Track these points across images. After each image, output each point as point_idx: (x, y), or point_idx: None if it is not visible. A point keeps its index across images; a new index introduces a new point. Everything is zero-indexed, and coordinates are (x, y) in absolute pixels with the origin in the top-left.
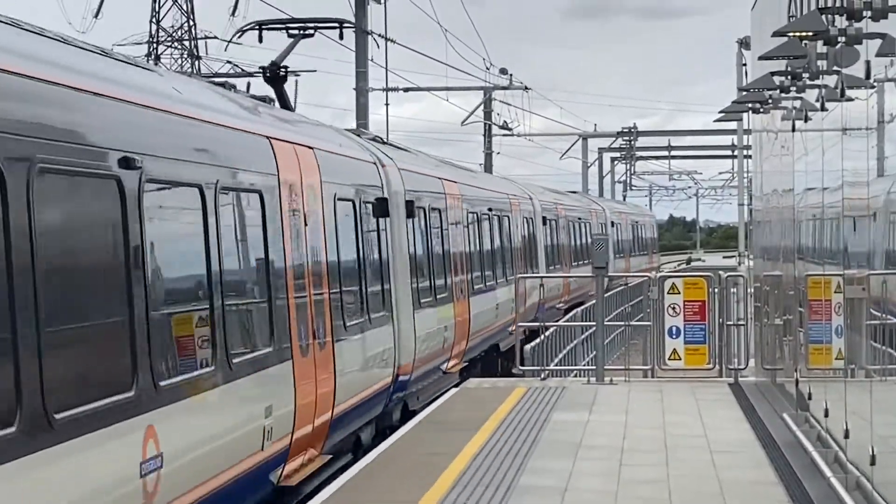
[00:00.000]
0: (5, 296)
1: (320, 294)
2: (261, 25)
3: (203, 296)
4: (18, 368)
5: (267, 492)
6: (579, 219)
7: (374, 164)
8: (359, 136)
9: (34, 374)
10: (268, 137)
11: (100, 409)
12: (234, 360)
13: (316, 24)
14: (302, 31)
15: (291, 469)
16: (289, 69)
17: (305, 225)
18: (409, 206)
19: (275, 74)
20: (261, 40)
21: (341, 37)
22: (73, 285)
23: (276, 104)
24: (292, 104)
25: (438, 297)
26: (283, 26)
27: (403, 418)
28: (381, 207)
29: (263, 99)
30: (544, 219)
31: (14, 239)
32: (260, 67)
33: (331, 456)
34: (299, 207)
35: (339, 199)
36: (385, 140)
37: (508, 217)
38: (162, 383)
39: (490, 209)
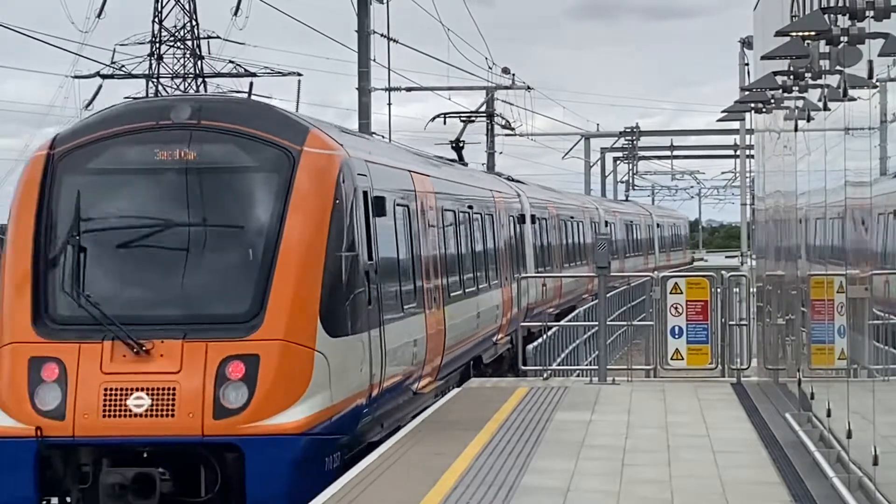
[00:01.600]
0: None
1: (508, 261)
2: (445, 115)
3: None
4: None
5: (492, 344)
6: (631, 221)
7: (518, 195)
8: (499, 175)
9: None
10: (491, 190)
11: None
12: (499, 280)
13: (477, 114)
14: (469, 118)
15: (498, 339)
16: (466, 142)
17: (503, 229)
18: (533, 218)
19: (458, 146)
20: (445, 123)
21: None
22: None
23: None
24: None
25: (546, 269)
26: (457, 114)
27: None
28: (522, 220)
29: (451, 159)
30: (606, 222)
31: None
32: (449, 142)
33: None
34: (502, 221)
35: (510, 216)
36: (513, 177)
37: (582, 222)
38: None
39: (572, 217)
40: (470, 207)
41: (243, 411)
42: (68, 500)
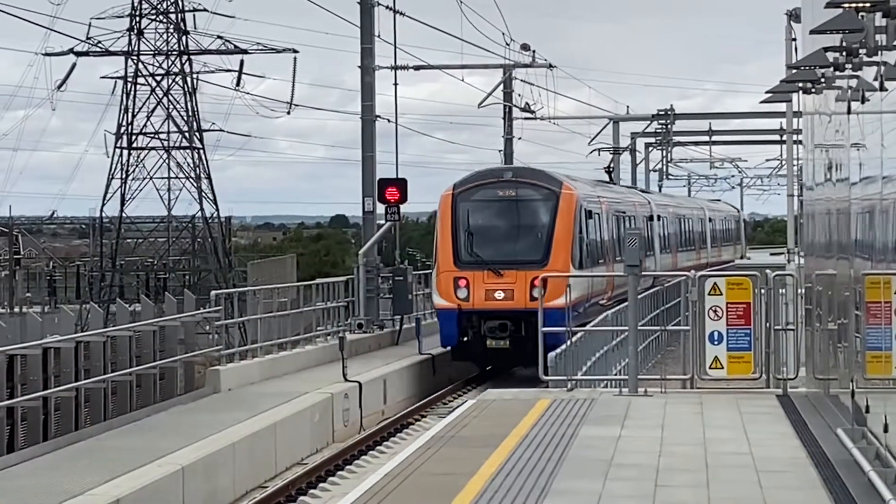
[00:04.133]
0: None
1: (645, 245)
2: (599, 150)
3: (698, 243)
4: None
5: None
6: (725, 218)
7: (648, 202)
8: (635, 187)
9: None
10: (633, 201)
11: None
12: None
13: (623, 149)
14: (617, 150)
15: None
16: (613, 167)
17: (640, 226)
18: (658, 217)
19: (609, 170)
20: (599, 155)
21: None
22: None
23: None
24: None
25: (667, 252)
26: (608, 148)
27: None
28: (651, 218)
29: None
30: (709, 219)
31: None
32: (604, 168)
33: None
34: (639, 220)
35: (643, 217)
36: (644, 189)
37: (692, 219)
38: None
39: (684, 215)
40: (622, 212)
41: (543, 298)
42: (465, 338)
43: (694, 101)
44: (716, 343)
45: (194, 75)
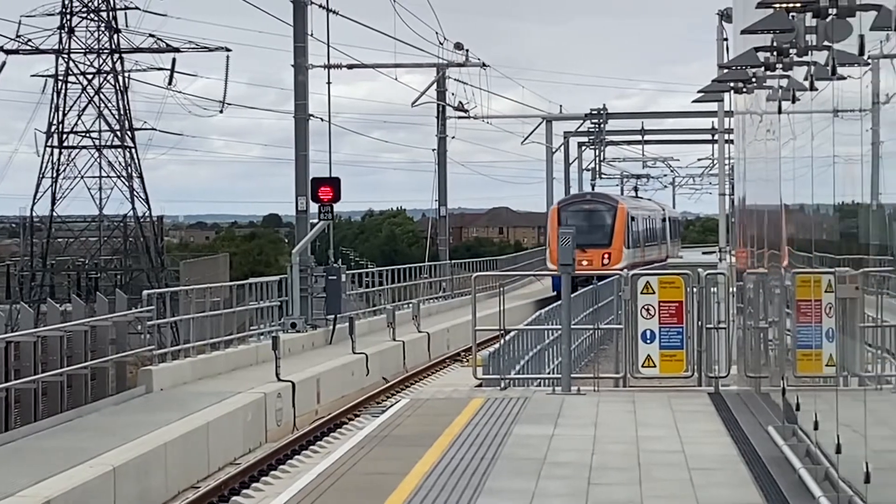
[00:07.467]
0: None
1: (661, 238)
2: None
3: (657, 239)
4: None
5: (654, 261)
6: (682, 218)
7: (663, 209)
8: (651, 200)
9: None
10: (652, 209)
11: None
12: (658, 244)
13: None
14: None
15: (658, 261)
16: (638, 189)
17: (657, 224)
18: (670, 219)
19: (636, 189)
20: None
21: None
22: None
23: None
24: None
25: (675, 244)
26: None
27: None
28: (664, 220)
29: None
30: (684, 219)
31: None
32: (633, 188)
33: None
34: (657, 221)
35: (660, 219)
36: (658, 202)
37: (677, 220)
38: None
39: (674, 217)
40: (648, 217)
41: (609, 265)
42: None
43: (631, 100)
44: (648, 341)
45: (126, 74)
